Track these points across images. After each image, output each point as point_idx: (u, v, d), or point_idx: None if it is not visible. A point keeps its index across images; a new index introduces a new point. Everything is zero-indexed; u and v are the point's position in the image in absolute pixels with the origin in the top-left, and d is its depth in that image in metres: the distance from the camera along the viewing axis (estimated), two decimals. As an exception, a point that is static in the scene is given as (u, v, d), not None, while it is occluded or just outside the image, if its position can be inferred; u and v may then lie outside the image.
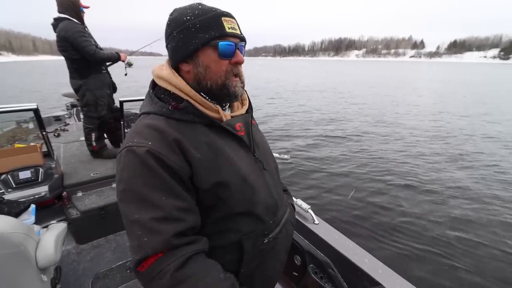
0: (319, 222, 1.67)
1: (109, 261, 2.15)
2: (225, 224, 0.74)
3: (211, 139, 0.72)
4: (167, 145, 0.66)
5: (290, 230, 0.93)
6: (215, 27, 0.70)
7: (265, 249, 0.80)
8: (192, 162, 0.68)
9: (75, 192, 2.42)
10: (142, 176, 0.64)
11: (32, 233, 1.35)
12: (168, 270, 0.60)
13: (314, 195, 4.57)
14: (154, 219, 0.62)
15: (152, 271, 0.61)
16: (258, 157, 0.83)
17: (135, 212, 0.63)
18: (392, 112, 11.85)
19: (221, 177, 0.70)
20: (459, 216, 4.00)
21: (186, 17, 0.71)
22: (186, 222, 0.65)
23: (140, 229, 0.62)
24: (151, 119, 0.72)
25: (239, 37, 0.74)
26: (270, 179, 0.85)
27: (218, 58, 0.72)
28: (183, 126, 0.71)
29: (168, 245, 0.61)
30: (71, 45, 2.53)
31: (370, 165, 5.87)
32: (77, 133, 3.84)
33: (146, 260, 0.62)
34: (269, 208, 0.81)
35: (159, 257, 0.61)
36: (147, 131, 0.68)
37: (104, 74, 2.88)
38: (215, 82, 0.74)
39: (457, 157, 6.40)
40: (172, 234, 0.61)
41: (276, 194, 0.86)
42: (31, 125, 2.93)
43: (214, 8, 0.73)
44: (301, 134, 8.23)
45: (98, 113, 2.84)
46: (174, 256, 0.61)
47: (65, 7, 2.53)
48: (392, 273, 1.28)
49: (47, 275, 1.40)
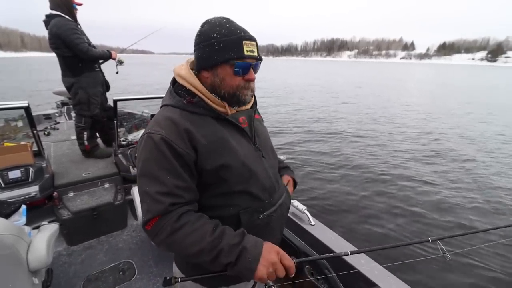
0: (315, 223, 1.68)
1: (101, 262, 2.12)
2: (226, 199, 0.89)
3: (217, 129, 0.86)
4: (178, 134, 0.81)
5: (285, 212, 1.05)
6: (235, 49, 0.82)
7: (260, 224, 0.92)
8: (198, 148, 0.82)
9: (67, 192, 2.38)
10: (155, 158, 0.80)
11: (23, 234, 1.33)
12: (168, 223, 0.78)
13: (310, 196, 4.60)
14: (159, 192, 0.79)
15: (156, 227, 0.79)
16: (258, 146, 0.96)
17: (147, 185, 0.81)
18: (388, 114, 12.00)
19: (223, 160, 0.84)
20: (458, 216, 4.09)
21: (213, 34, 0.83)
22: (183, 197, 0.82)
23: (148, 198, 0.80)
24: (168, 111, 0.87)
25: (256, 58, 0.86)
26: (268, 165, 0.98)
27: (233, 74, 0.85)
28: (194, 117, 0.86)
29: (166, 210, 0.79)
30: (63, 43, 2.49)
31: (366, 166, 5.94)
32: (68, 132, 3.77)
33: (151, 220, 0.79)
34: (266, 189, 0.94)
35: (160, 217, 0.79)
36: (163, 122, 0.84)
37: (97, 72, 2.84)
38: (227, 91, 0.87)
39: (460, 158, 6.54)
40: (169, 203, 0.79)
41: (274, 178, 0.99)
42: (20, 123, 2.86)
43: (239, 31, 0.84)
44: (296, 135, 8.28)
45: (91, 112, 2.79)
46: (171, 215, 0.79)
47: (58, 4, 2.48)
48: (388, 274, 1.30)
49: (38, 278, 1.38)
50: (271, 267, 0.78)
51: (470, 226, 3.85)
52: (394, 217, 4.01)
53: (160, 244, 0.82)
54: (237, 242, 0.78)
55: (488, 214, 4.20)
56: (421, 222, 3.92)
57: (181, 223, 0.79)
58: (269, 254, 0.79)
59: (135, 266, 2.09)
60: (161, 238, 0.80)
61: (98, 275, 2.00)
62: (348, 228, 3.76)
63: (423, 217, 4.02)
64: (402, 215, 4.06)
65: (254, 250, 0.78)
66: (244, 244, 0.78)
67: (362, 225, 3.82)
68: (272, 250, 0.80)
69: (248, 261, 0.76)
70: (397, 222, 3.87)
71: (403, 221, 3.90)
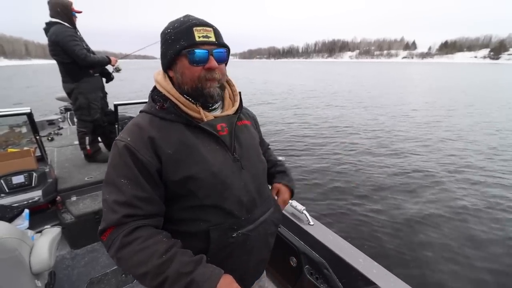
0: (314, 223, 1.68)
1: (104, 266, 2.14)
2: (195, 213, 0.82)
3: (186, 137, 0.81)
4: (142, 141, 0.77)
5: (270, 229, 0.96)
6: (185, 37, 0.78)
7: (234, 243, 0.84)
8: (163, 157, 0.78)
9: (69, 196, 2.41)
10: (117, 166, 0.77)
11: (26, 238, 1.35)
12: (118, 237, 0.72)
13: (309, 196, 4.60)
14: (115, 202, 0.74)
15: (109, 239, 0.74)
16: (238, 156, 0.87)
17: (106, 193, 0.77)
18: (390, 114, 11.96)
19: (190, 172, 0.78)
20: (455, 218, 4.06)
21: (167, 30, 0.82)
22: (141, 209, 0.76)
23: (105, 206, 0.76)
24: (140, 117, 0.85)
25: (213, 43, 0.80)
26: (249, 177, 0.89)
27: (189, 65, 0.80)
28: (164, 124, 0.82)
29: (119, 222, 0.73)
30: (62, 49, 2.53)
31: (366, 166, 5.93)
32: (71, 137, 3.82)
33: (106, 231, 0.75)
34: (243, 205, 0.85)
35: (114, 228, 0.74)
36: (131, 128, 0.82)
37: (96, 78, 2.88)
38: (190, 85, 0.82)
39: (451, 159, 6.49)
40: (123, 214, 0.73)
41: (255, 192, 0.90)
42: (23, 129, 2.91)
43: (191, 19, 0.80)
44: (296, 137, 8.28)
45: (92, 117, 2.83)
46: (124, 227, 0.73)
47: (57, 12, 2.53)
48: (387, 273, 1.30)
49: (41, 281, 1.40)
50: None
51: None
52: (394, 216, 4.00)
53: (112, 258, 0.74)
54: (188, 271, 0.68)
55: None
56: (419, 218, 3.90)
57: (132, 238, 0.71)
58: None
59: None
60: (111, 252, 0.73)
61: (100, 278, 2.02)
62: (347, 226, 3.76)
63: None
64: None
65: (204, 285, 0.66)
66: (194, 275, 0.67)
67: (361, 223, 3.82)
68: None
69: None
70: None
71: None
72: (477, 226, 3.77)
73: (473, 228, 3.74)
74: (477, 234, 3.61)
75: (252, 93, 19.03)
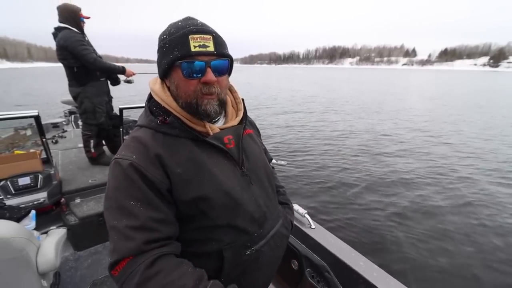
0: (316, 226, 1.70)
1: (107, 267, 2.15)
2: (207, 233, 0.76)
3: (194, 153, 0.74)
4: (149, 159, 0.70)
5: (280, 242, 0.92)
6: (179, 47, 0.69)
7: (248, 260, 0.81)
8: (171, 177, 0.71)
9: (73, 198, 2.43)
10: (124, 187, 0.68)
11: (33, 238, 1.37)
12: (139, 269, 0.63)
13: (310, 200, 4.61)
14: (129, 227, 0.65)
15: (124, 273, 0.64)
16: (246, 170, 0.83)
17: (114, 219, 0.67)
18: (393, 120, 12.01)
19: (201, 191, 0.72)
20: (453, 219, 4.08)
21: (163, 36, 0.74)
22: (160, 232, 0.68)
23: (116, 234, 0.66)
24: (140, 132, 0.77)
25: (212, 54, 0.71)
26: (258, 191, 0.85)
27: (184, 78, 0.72)
28: (168, 140, 0.74)
29: (139, 250, 0.64)
30: (71, 54, 2.58)
31: (367, 170, 5.93)
32: (75, 140, 3.84)
33: (119, 263, 0.65)
34: (255, 220, 0.81)
35: (130, 259, 0.64)
36: (133, 145, 0.73)
37: (102, 82, 2.92)
38: (185, 100, 0.74)
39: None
40: (143, 240, 0.65)
41: (265, 206, 0.85)
42: (28, 132, 2.95)
43: (189, 24, 0.71)
44: (298, 140, 8.30)
45: (97, 120, 2.87)
46: (144, 257, 0.64)
47: (66, 17, 2.58)
48: (387, 276, 1.32)
49: (46, 280, 1.41)
50: None
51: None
52: (394, 219, 4.01)
53: None
54: None
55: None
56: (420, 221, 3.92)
57: (155, 270, 0.63)
58: None
59: None
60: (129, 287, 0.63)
61: (103, 279, 2.03)
62: (348, 230, 3.76)
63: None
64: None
65: None
66: None
67: (362, 227, 3.82)
68: None
69: None
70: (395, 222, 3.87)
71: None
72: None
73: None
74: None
75: (254, 96, 19.11)
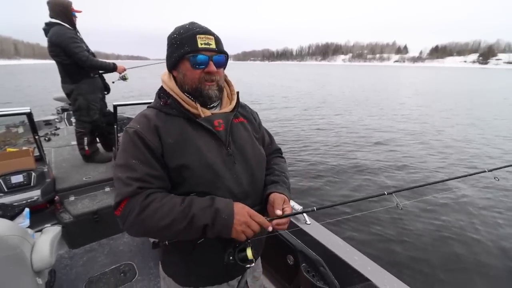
0: (311, 222, 1.73)
1: (103, 265, 2.14)
2: None
3: (186, 130, 0.91)
4: (149, 129, 0.88)
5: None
6: (189, 43, 0.89)
7: None
8: (164, 145, 0.88)
9: (68, 196, 2.41)
10: (128, 149, 0.87)
11: (27, 236, 1.36)
12: (137, 203, 0.80)
13: (306, 196, 4.67)
14: (130, 178, 0.83)
15: (125, 210, 0.81)
16: (232, 151, 0.96)
17: (119, 172, 0.85)
18: (389, 117, 12.13)
19: (184, 161, 0.87)
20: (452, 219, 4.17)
21: (173, 35, 0.93)
22: (153, 184, 0.85)
23: (119, 183, 0.84)
24: (147, 110, 0.97)
25: (214, 50, 0.91)
26: (242, 171, 0.97)
27: (191, 68, 0.91)
28: (167, 118, 0.93)
29: (134, 192, 0.82)
30: (63, 51, 2.54)
31: (362, 166, 6.03)
32: (68, 138, 3.80)
33: (121, 203, 0.82)
34: (235, 196, 0.92)
35: (129, 199, 0.82)
36: (139, 118, 0.93)
37: (96, 79, 2.88)
38: (191, 86, 0.93)
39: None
40: (137, 186, 0.82)
41: (248, 186, 0.98)
42: (20, 129, 2.90)
43: (196, 27, 0.91)
44: (293, 136, 8.39)
45: (91, 118, 2.84)
46: (139, 196, 0.82)
47: (57, 12, 2.53)
48: (381, 270, 1.36)
49: (41, 278, 1.41)
50: (245, 223, 0.82)
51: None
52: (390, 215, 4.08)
53: (132, 226, 0.82)
54: (208, 205, 0.82)
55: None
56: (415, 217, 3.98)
57: (149, 200, 0.81)
58: (241, 210, 0.84)
59: (135, 268, 2.13)
60: (131, 220, 0.80)
61: (99, 277, 2.03)
62: (343, 225, 3.80)
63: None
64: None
65: (226, 209, 0.82)
66: (215, 205, 0.82)
67: (357, 222, 3.88)
68: (243, 210, 0.85)
69: (224, 219, 0.80)
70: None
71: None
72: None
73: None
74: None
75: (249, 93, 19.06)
